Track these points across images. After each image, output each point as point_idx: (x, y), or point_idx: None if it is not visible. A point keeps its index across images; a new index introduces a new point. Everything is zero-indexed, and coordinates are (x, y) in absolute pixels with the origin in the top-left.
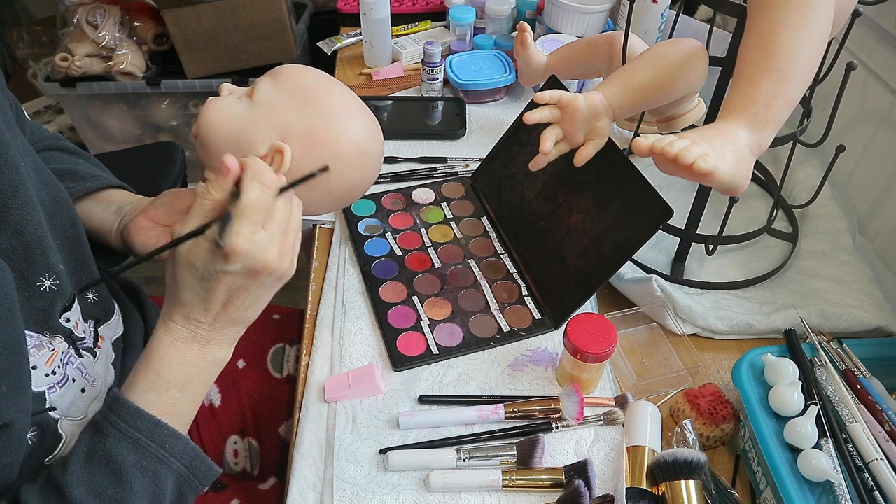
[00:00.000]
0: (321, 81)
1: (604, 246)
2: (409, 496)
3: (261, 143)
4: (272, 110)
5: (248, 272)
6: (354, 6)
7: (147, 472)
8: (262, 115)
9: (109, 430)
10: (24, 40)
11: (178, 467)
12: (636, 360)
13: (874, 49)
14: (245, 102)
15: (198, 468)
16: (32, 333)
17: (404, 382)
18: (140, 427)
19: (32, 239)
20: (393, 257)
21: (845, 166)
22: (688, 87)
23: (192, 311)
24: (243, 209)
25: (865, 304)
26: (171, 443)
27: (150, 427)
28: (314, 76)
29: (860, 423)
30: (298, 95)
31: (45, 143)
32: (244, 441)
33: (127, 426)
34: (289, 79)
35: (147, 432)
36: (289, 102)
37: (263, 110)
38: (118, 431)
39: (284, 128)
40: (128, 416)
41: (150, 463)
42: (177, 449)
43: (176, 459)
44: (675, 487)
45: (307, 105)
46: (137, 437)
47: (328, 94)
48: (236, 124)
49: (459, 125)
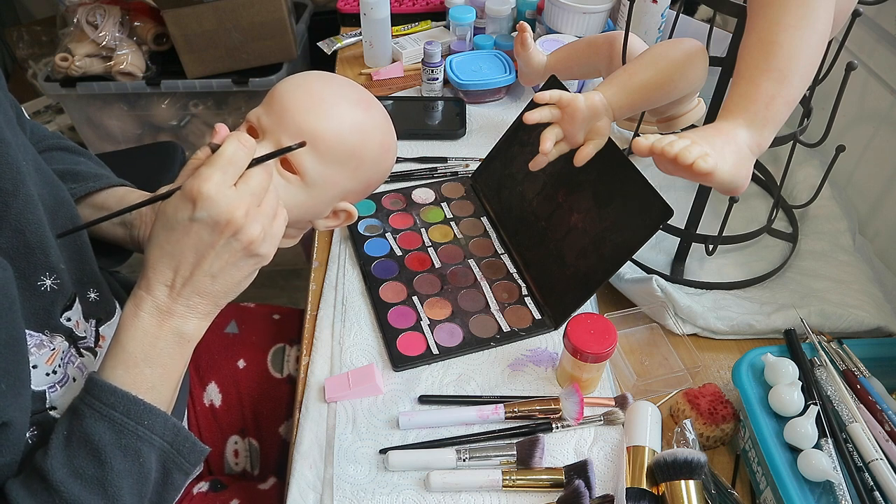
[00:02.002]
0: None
1: (604, 246)
2: (409, 496)
3: (325, 212)
4: (330, 186)
5: (213, 224)
6: (354, 6)
7: (129, 451)
8: (323, 195)
9: (85, 411)
10: (24, 40)
11: (161, 444)
12: (636, 360)
13: (874, 49)
14: (298, 187)
15: (181, 444)
16: (33, 332)
17: (404, 382)
18: (114, 404)
19: (33, 238)
20: (393, 257)
21: (845, 166)
22: (688, 87)
23: (158, 271)
24: (215, 158)
25: (865, 304)
26: (150, 419)
27: (125, 403)
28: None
29: (860, 423)
30: (347, 163)
31: (46, 142)
32: (244, 441)
33: (101, 404)
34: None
35: (122, 409)
36: (343, 173)
37: (321, 190)
38: (93, 410)
39: (344, 193)
40: (101, 394)
41: (129, 441)
42: (157, 425)
43: (157, 436)
44: (675, 487)
45: (360, 166)
46: (112, 414)
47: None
48: (301, 212)
49: (459, 125)
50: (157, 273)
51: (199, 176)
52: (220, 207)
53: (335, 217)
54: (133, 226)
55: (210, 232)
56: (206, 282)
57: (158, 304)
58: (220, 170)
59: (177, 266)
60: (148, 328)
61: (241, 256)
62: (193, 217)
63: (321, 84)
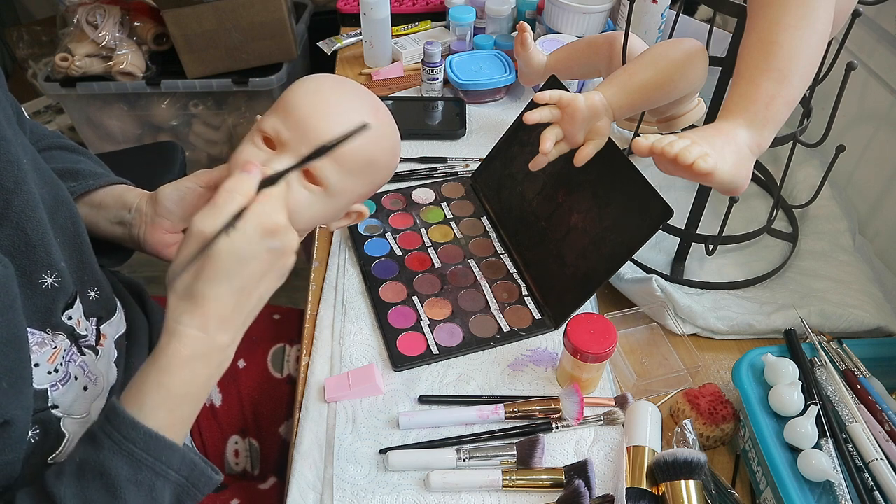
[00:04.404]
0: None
1: (604, 246)
2: (409, 496)
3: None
4: (349, 193)
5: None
6: (354, 6)
7: (143, 486)
8: (342, 201)
9: (104, 441)
10: (24, 40)
11: (177, 478)
12: (636, 360)
13: (874, 49)
14: (321, 197)
15: (197, 478)
16: (34, 331)
17: (404, 382)
18: (135, 439)
19: (35, 236)
20: (393, 257)
21: (845, 166)
22: (688, 87)
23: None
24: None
25: (865, 304)
26: (168, 455)
27: (146, 439)
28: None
29: (860, 423)
30: (365, 170)
31: (45, 142)
32: (245, 441)
33: (122, 438)
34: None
35: (142, 444)
36: (360, 180)
37: (339, 198)
38: (113, 443)
39: (360, 196)
40: (122, 427)
41: (145, 476)
42: (174, 461)
43: (174, 471)
44: (675, 487)
45: (375, 173)
46: (133, 449)
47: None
48: (322, 219)
49: (459, 125)
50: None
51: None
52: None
53: (347, 217)
54: (133, 225)
55: (277, 257)
56: (258, 307)
57: (218, 344)
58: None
59: (238, 299)
60: (199, 370)
61: (281, 275)
62: (271, 246)
63: (337, 93)
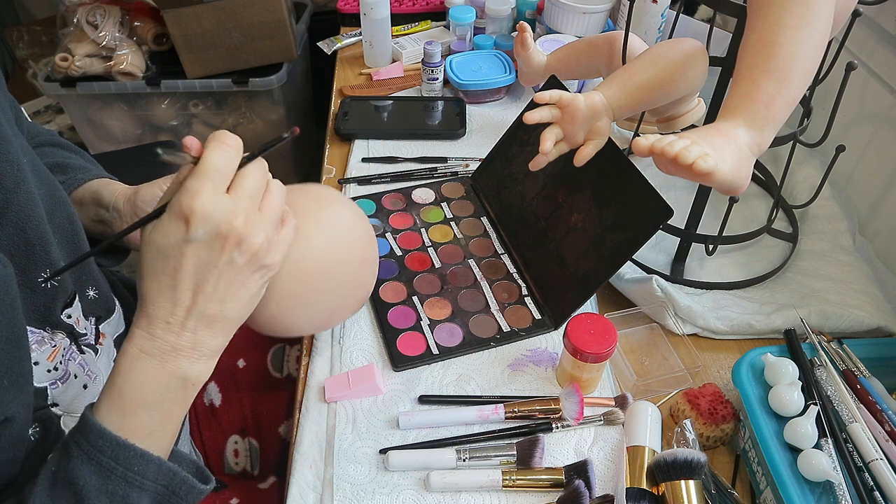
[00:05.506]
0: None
1: (604, 246)
2: (409, 496)
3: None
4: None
5: (212, 240)
6: (354, 6)
7: (115, 497)
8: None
9: (73, 450)
10: (24, 40)
11: (154, 487)
12: (636, 360)
13: (874, 49)
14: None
15: (178, 486)
16: (34, 329)
17: (404, 382)
18: (102, 448)
19: (34, 235)
20: (393, 257)
21: (845, 166)
22: (688, 87)
23: (158, 305)
24: (200, 168)
25: (865, 304)
26: (142, 465)
27: (114, 448)
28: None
29: (860, 423)
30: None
31: (39, 139)
32: (244, 441)
33: (89, 446)
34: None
35: (110, 453)
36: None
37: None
38: (81, 451)
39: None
40: (90, 435)
41: (116, 486)
42: (149, 471)
43: (150, 481)
44: (675, 487)
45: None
46: (100, 458)
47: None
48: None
49: (459, 125)
50: (156, 308)
51: (187, 191)
52: (217, 221)
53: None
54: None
55: (209, 250)
56: (214, 308)
57: (160, 345)
58: (208, 180)
59: (177, 297)
60: (148, 372)
61: (247, 272)
62: (189, 238)
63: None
